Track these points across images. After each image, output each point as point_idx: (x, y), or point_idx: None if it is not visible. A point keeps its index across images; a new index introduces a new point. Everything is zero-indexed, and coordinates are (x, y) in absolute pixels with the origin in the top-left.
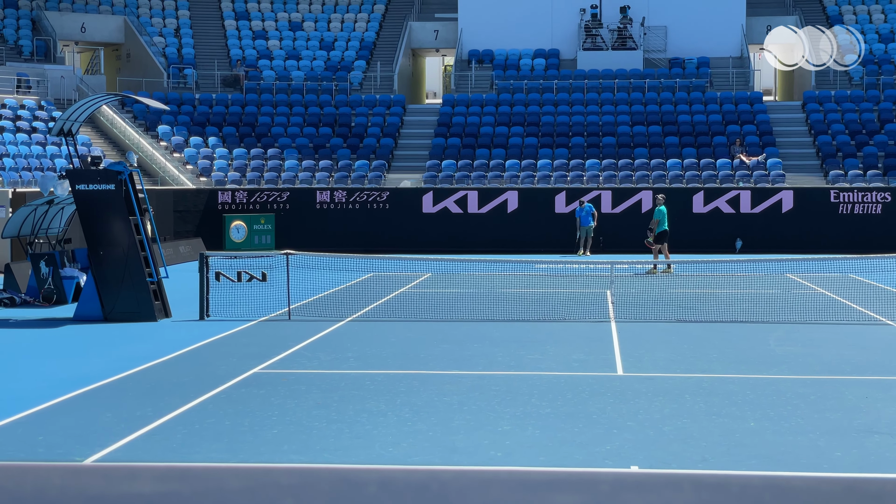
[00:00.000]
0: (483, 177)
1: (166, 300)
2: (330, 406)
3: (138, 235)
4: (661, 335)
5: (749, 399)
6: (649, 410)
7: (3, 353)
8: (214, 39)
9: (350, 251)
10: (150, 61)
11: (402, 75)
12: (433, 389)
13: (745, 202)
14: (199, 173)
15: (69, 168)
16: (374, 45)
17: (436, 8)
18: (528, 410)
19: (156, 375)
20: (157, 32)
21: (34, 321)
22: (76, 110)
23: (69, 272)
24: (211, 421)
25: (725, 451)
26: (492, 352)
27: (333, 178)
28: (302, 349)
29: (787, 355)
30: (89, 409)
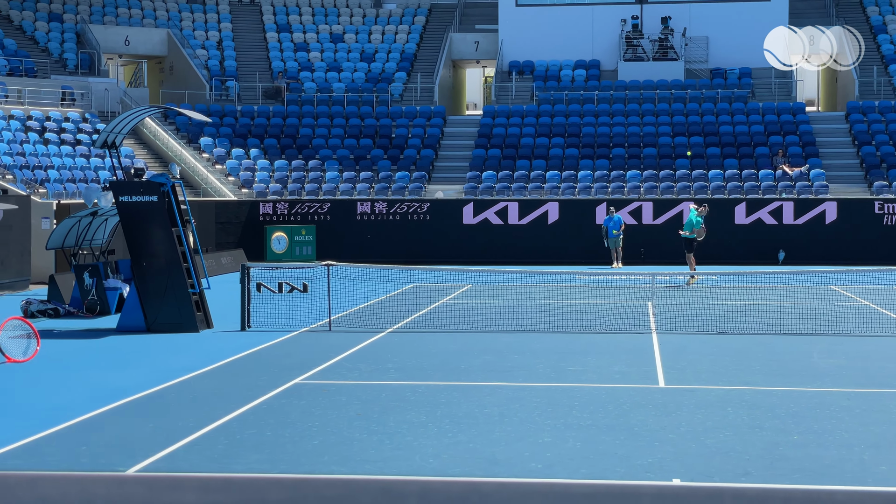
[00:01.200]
0: (523, 188)
1: (208, 311)
2: (370, 417)
3: (181, 247)
4: (704, 347)
5: (792, 412)
6: (691, 423)
7: (48, 363)
8: (256, 52)
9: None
10: (193, 74)
11: (442, 87)
12: (474, 401)
13: (787, 213)
14: (241, 185)
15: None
16: (414, 56)
17: (476, 19)
18: (569, 422)
19: (197, 386)
20: (199, 45)
21: (78, 332)
22: (120, 122)
23: (112, 283)
24: (252, 431)
25: (768, 464)
26: (532, 363)
27: (374, 190)
28: (342, 360)
29: (831, 368)
30: (132, 420)
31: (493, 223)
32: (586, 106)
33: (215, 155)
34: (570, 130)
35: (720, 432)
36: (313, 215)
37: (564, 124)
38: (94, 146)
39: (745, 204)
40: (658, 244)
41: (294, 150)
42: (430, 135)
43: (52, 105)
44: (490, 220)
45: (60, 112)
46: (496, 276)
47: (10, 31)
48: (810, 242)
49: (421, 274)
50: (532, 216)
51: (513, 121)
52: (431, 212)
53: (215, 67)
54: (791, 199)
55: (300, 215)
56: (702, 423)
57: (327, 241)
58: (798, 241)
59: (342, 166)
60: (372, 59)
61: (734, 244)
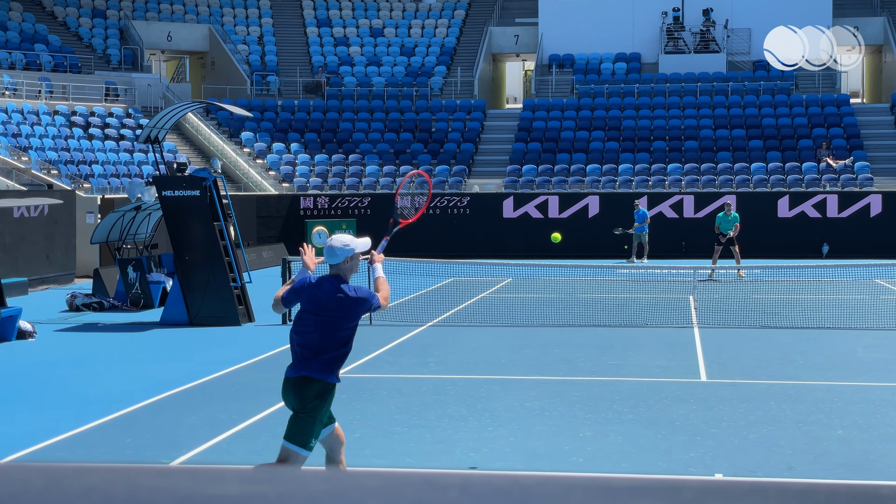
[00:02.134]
0: (564, 181)
1: (250, 305)
2: (411, 410)
3: (222, 241)
4: (746, 341)
5: (837, 406)
6: (734, 417)
7: (92, 356)
8: (297, 46)
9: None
10: (234, 69)
11: (482, 80)
12: (514, 395)
13: (831, 206)
14: (282, 179)
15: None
16: (454, 50)
17: (516, 13)
18: (610, 416)
19: (240, 379)
20: (240, 40)
21: (122, 325)
22: (162, 118)
23: (156, 277)
24: None
25: (812, 459)
26: (573, 357)
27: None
28: (383, 353)
29: (875, 362)
30: (175, 412)
31: (533, 217)
32: (627, 99)
33: (256, 149)
34: (610, 124)
35: (763, 427)
36: (353, 209)
37: (605, 118)
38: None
39: (788, 197)
40: (699, 238)
41: (334, 144)
42: (470, 129)
43: (97, 100)
44: (530, 213)
45: (104, 107)
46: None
47: (55, 28)
48: (855, 236)
49: (461, 268)
50: (572, 210)
51: (553, 114)
52: (471, 206)
53: (256, 62)
54: (835, 193)
55: (340, 209)
56: (744, 418)
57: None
58: (842, 235)
59: (382, 160)
60: (412, 53)
61: (777, 238)
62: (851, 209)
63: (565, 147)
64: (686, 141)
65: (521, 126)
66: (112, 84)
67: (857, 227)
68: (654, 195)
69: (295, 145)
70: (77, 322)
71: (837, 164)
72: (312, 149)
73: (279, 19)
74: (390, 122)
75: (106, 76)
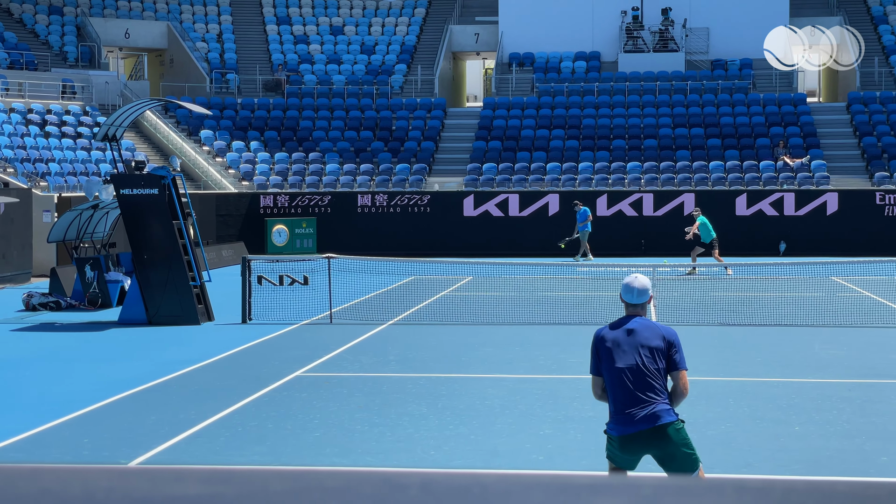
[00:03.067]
0: (524, 180)
1: (209, 304)
2: (372, 409)
3: (181, 239)
4: (705, 339)
5: (794, 403)
6: (692, 414)
7: (49, 356)
8: (256, 44)
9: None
10: (193, 66)
11: (442, 79)
12: (475, 393)
13: (788, 204)
14: (242, 177)
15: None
16: (414, 48)
17: (476, 11)
18: (570, 414)
19: (199, 378)
20: (199, 38)
21: (79, 325)
22: (120, 115)
23: (114, 276)
24: (254, 424)
25: (769, 455)
26: (533, 355)
27: (374, 182)
28: (344, 352)
29: (832, 359)
30: (134, 412)
31: (493, 215)
32: (587, 98)
33: (216, 148)
34: (570, 122)
35: (721, 423)
36: (314, 208)
37: (565, 116)
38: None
39: (746, 195)
40: (658, 236)
41: (294, 142)
42: (431, 127)
43: (53, 98)
44: (491, 212)
45: (61, 105)
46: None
47: (11, 25)
48: (811, 233)
49: (422, 266)
50: (533, 208)
51: (513, 113)
52: (432, 204)
53: (215, 60)
54: (792, 191)
55: (301, 208)
56: (703, 415)
57: (328, 233)
58: (799, 233)
59: (342, 159)
60: (372, 52)
61: (735, 236)
62: (808, 207)
63: (525, 145)
64: (645, 139)
65: (481, 124)
66: (69, 81)
67: (813, 224)
68: (614, 193)
69: (255, 143)
70: (34, 322)
71: (794, 162)
72: (272, 147)
73: (238, 17)
74: (350, 120)
75: (63, 73)
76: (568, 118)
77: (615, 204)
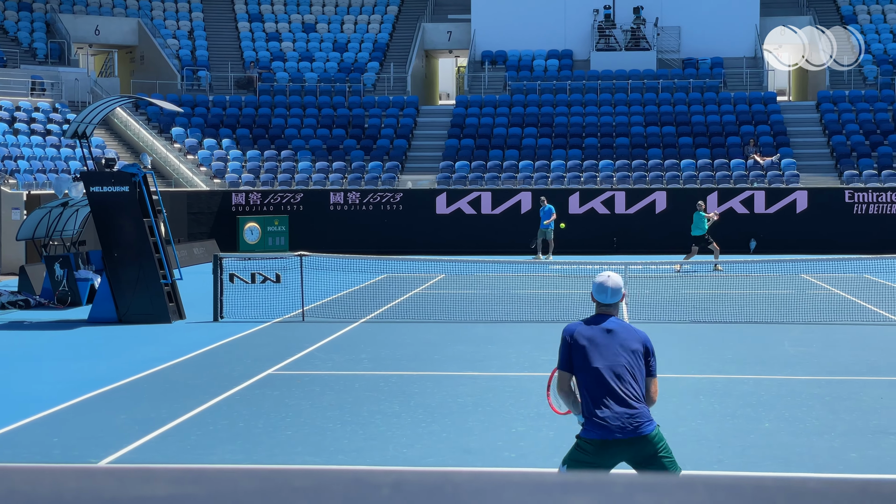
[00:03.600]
0: (496, 178)
1: (180, 302)
2: (344, 407)
3: (152, 237)
4: (675, 336)
5: (764, 400)
6: (663, 412)
7: (19, 355)
8: (228, 41)
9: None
10: (164, 63)
11: (415, 76)
12: (447, 391)
13: (759, 202)
14: (213, 175)
15: (83, 170)
16: (387, 46)
17: (449, 9)
18: (543, 412)
19: (170, 377)
20: (170, 35)
21: (49, 323)
22: (90, 113)
23: (84, 274)
24: (225, 422)
25: (740, 452)
26: (506, 353)
27: (347, 180)
28: (316, 350)
29: (802, 356)
30: (104, 411)
31: (466, 213)
32: (559, 96)
33: (187, 145)
34: (542, 120)
35: (692, 421)
36: (286, 206)
37: (537, 114)
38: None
39: (716, 193)
40: (630, 234)
41: (266, 140)
42: (403, 125)
43: (22, 95)
44: (463, 209)
45: (30, 102)
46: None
47: None
48: (781, 231)
49: (394, 264)
50: (505, 206)
51: (486, 111)
52: (404, 202)
53: (186, 57)
54: (762, 189)
55: (273, 206)
56: (674, 412)
57: (300, 231)
58: (769, 230)
59: (315, 156)
60: (344, 49)
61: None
62: (778, 205)
63: (498, 143)
64: (617, 137)
65: (454, 122)
66: (38, 78)
67: (783, 222)
68: (586, 191)
69: (226, 141)
70: (2, 320)
71: (764, 160)
72: (244, 144)
73: (210, 14)
74: (323, 118)
75: (32, 70)
76: (540, 116)
77: (587, 202)
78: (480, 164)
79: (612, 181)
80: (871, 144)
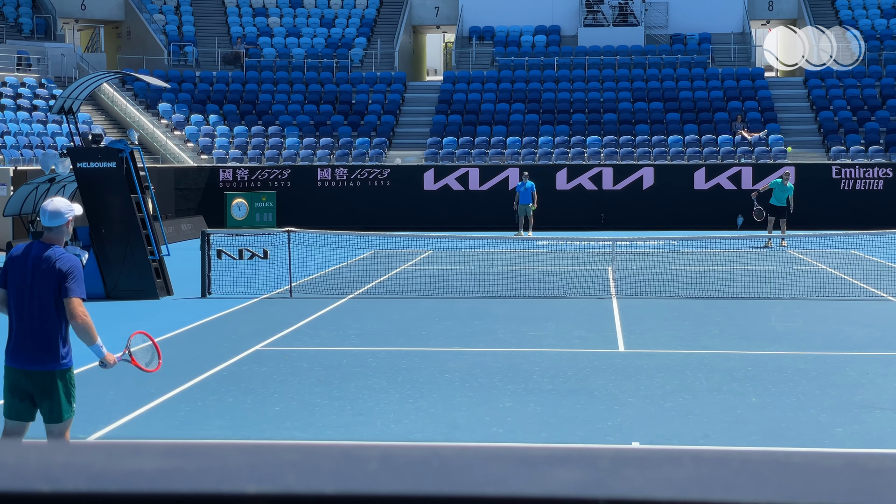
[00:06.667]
0: (484, 154)
1: (168, 278)
2: (332, 383)
3: (140, 213)
4: (663, 312)
5: (750, 375)
6: (650, 387)
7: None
8: (215, 17)
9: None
10: (151, 39)
11: (402, 52)
12: (435, 366)
13: (746, 178)
14: (201, 151)
15: (70, 146)
16: (374, 21)
17: None
18: (530, 387)
19: None
20: (157, 10)
21: None
22: (77, 88)
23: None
24: (213, 398)
25: (726, 426)
26: (493, 328)
27: (334, 156)
28: (304, 326)
29: (788, 331)
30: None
31: (453, 189)
32: (546, 72)
33: (174, 121)
34: (530, 96)
35: (679, 396)
36: (273, 182)
37: (525, 90)
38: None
39: (704, 169)
40: (618, 209)
41: (254, 116)
42: (391, 101)
43: (8, 70)
44: (451, 185)
45: (16, 77)
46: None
47: None
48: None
49: (382, 240)
50: (493, 182)
51: (473, 87)
52: (392, 178)
53: (173, 32)
54: (750, 165)
55: (260, 182)
56: (661, 387)
57: (288, 207)
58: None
59: (302, 132)
60: (332, 25)
61: (694, 209)
62: (765, 181)
63: (486, 119)
64: (605, 114)
65: (441, 98)
66: (24, 53)
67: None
68: (574, 167)
69: (213, 117)
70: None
71: (752, 136)
72: (231, 120)
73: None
74: (310, 93)
75: (18, 45)
76: (528, 92)
77: (575, 178)
78: (468, 140)
79: (600, 157)
80: (859, 120)
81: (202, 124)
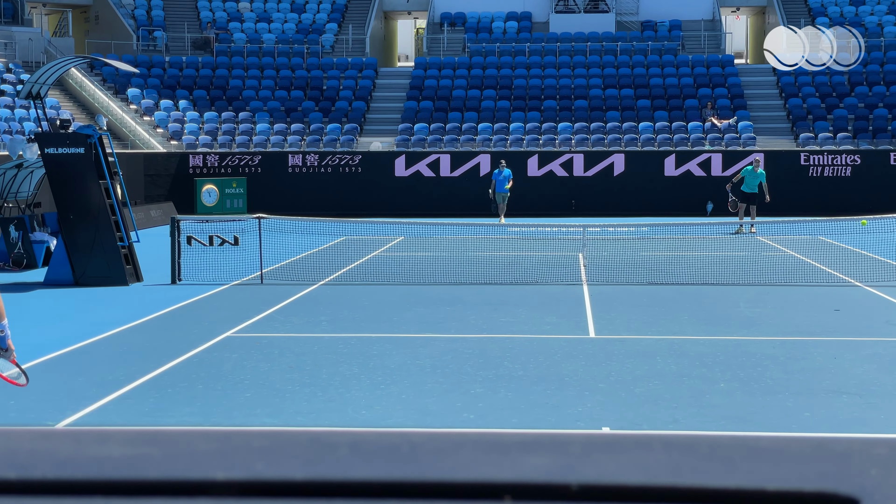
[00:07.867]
0: (455, 140)
1: (137, 264)
2: (303, 369)
3: (109, 199)
4: (633, 298)
5: (719, 360)
6: (621, 372)
7: None
8: (184, 1)
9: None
10: (119, 23)
11: (374, 38)
12: (406, 352)
13: (716, 165)
14: (170, 137)
15: (38, 131)
16: (345, 7)
17: None
18: (501, 373)
19: (127, 340)
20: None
21: (4, 286)
22: (44, 73)
23: (39, 236)
24: (183, 385)
25: (696, 411)
26: (464, 315)
27: (305, 142)
28: (274, 313)
29: (757, 317)
30: (61, 374)
31: (424, 175)
32: (518, 58)
33: (143, 106)
34: (501, 83)
35: (649, 381)
36: (244, 168)
37: (496, 76)
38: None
39: (674, 156)
40: (589, 196)
41: (224, 101)
42: (362, 87)
43: None
44: (422, 172)
45: None
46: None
47: None
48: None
49: (353, 226)
50: (464, 168)
51: (444, 73)
52: (363, 164)
53: (142, 17)
54: (719, 151)
55: (231, 168)
56: (631, 373)
57: (258, 193)
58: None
59: (273, 118)
60: (302, 10)
61: (664, 196)
62: (735, 168)
63: (457, 106)
64: (576, 100)
65: (412, 84)
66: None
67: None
68: (545, 154)
69: (183, 102)
70: None
71: (722, 123)
72: (201, 106)
73: None
74: (281, 79)
75: None
76: (499, 78)
77: (546, 164)
78: (439, 127)
79: (571, 144)
80: (827, 107)
81: (172, 110)
